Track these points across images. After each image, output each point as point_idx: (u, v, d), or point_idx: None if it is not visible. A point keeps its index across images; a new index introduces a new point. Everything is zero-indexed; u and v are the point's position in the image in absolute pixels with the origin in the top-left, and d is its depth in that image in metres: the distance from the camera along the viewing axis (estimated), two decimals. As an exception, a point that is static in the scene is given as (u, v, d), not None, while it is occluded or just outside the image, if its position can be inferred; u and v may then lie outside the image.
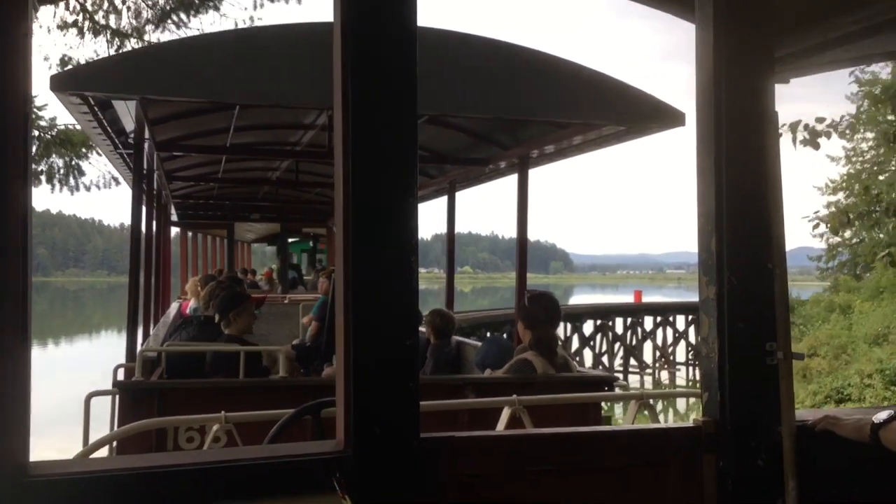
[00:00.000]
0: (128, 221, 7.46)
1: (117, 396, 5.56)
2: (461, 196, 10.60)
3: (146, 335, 9.87)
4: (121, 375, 6.69)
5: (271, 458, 2.26)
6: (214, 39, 5.43)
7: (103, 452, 4.36)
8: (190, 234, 24.13)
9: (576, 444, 2.65)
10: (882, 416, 2.41)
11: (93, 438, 5.26)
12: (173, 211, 17.07)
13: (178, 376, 6.50)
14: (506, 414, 3.91)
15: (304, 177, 12.47)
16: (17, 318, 1.96)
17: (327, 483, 2.21)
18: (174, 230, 21.73)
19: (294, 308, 12.61)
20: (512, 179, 9.51)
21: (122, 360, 6.83)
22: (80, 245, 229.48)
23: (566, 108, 5.93)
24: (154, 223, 12.60)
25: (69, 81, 5.15)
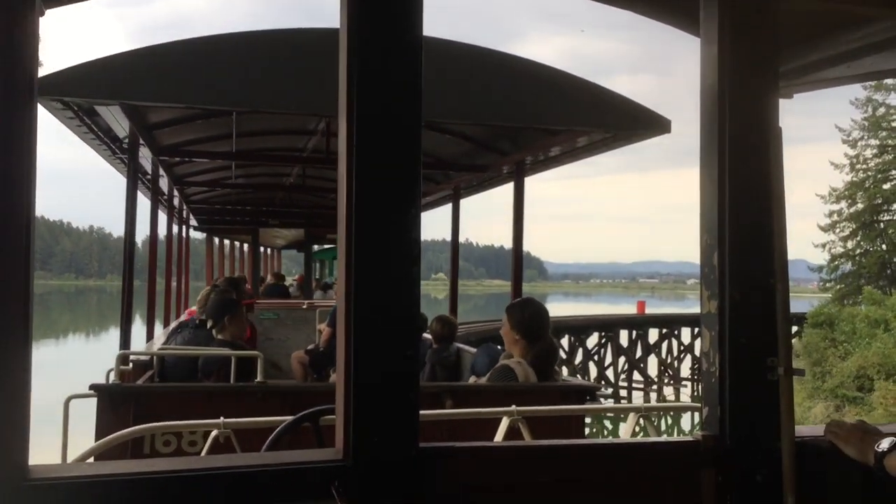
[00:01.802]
0: (98, 223, 7.44)
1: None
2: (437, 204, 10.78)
3: (150, 338, 9.90)
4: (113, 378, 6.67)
5: (270, 466, 2.26)
6: (199, 44, 5.43)
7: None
8: (216, 239, 24.08)
9: (575, 456, 2.64)
10: (885, 444, 2.39)
11: (71, 441, 5.31)
12: (192, 217, 17.05)
13: (172, 380, 6.51)
14: (504, 424, 3.90)
15: (314, 182, 12.56)
16: (19, 319, 1.96)
17: (326, 491, 2.21)
18: (201, 236, 21.80)
19: (312, 313, 12.70)
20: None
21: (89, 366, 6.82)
22: (48, 247, 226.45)
23: (559, 115, 6.12)
24: (167, 228, 12.67)
25: (48, 86, 5.11)
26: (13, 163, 1.97)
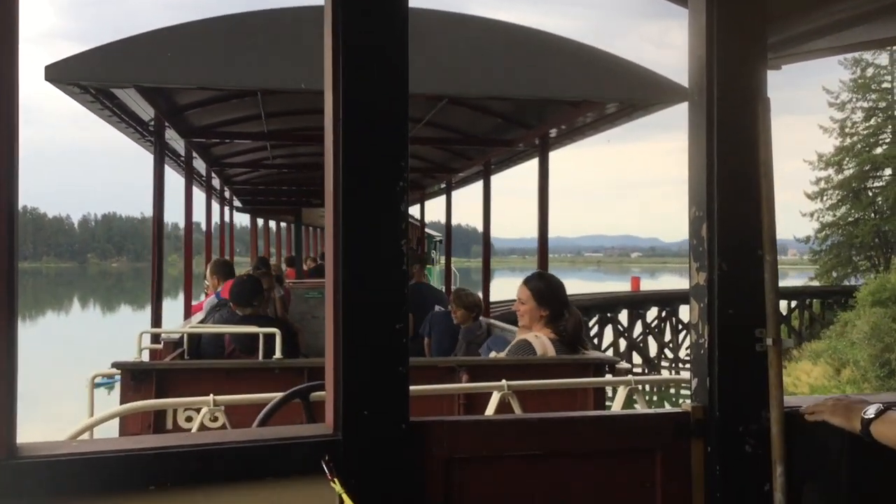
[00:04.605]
0: (31, 203, 7.46)
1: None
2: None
3: (187, 316, 10.08)
4: (146, 356, 6.83)
5: (260, 441, 2.29)
6: (209, 25, 5.48)
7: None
8: (260, 220, 24.14)
9: (563, 428, 2.67)
10: (871, 411, 2.40)
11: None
12: (236, 199, 17.14)
13: (205, 357, 6.66)
14: (495, 398, 3.92)
15: None
16: (3, 302, 1.98)
17: (316, 466, 2.23)
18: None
19: None
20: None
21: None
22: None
23: (580, 86, 6.12)
24: (206, 210, 12.84)
25: (62, 72, 5.18)
26: None
